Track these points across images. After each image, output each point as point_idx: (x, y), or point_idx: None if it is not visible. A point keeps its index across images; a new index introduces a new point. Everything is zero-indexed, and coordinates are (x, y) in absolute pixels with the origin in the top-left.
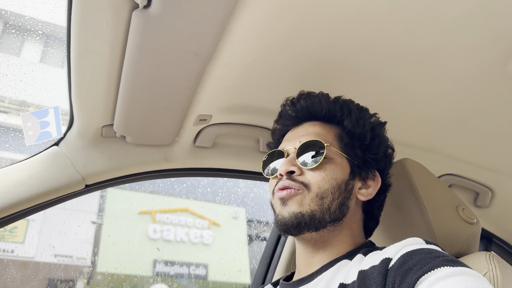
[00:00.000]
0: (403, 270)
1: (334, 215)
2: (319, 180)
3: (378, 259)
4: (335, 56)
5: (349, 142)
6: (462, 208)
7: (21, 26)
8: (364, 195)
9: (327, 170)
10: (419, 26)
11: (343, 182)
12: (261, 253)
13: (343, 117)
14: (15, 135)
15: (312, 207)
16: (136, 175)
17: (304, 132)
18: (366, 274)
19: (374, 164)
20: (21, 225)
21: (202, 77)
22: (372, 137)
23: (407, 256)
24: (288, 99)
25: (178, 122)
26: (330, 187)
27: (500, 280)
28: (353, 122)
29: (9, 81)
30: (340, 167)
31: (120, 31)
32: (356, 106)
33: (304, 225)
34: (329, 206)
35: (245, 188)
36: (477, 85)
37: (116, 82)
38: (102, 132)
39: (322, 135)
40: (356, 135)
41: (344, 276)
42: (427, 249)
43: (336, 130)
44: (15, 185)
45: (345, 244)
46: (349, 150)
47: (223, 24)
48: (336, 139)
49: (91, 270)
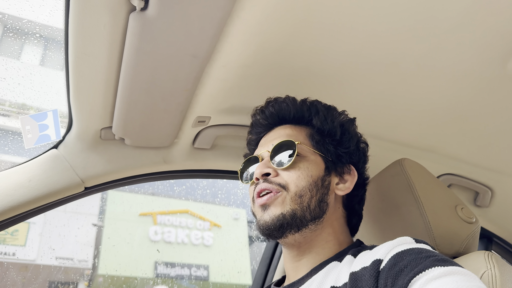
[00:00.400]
0: (395, 271)
1: (314, 213)
2: (295, 178)
3: (369, 260)
4: (333, 56)
5: (320, 139)
6: (461, 207)
7: (20, 29)
8: (341, 190)
9: (302, 168)
10: (418, 25)
11: (318, 178)
12: (262, 254)
13: (311, 117)
14: (14, 138)
15: (293, 206)
16: (135, 177)
17: (276, 136)
18: (357, 275)
19: (348, 158)
20: (22, 228)
21: (200, 79)
22: (342, 132)
23: (397, 257)
24: (257, 108)
25: (177, 124)
26: (307, 184)
27: (498, 279)
28: (321, 120)
29: (8, 84)
30: (314, 164)
31: (117, 34)
32: (323, 105)
33: (286, 225)
34: (309, 204)
35: (244, 189)
36: (476, 84)
37: (115, 84)
38: (101, 135)
39: (293, 135)
40: (326, 131)
41: (335, 279)
42: (417, 249)
43: (307, 130)
44: (15, 188)
45: (329, 243)
46: (321, 147)
47: (220, 26)
48: (308, 138)
49: (92, 272)
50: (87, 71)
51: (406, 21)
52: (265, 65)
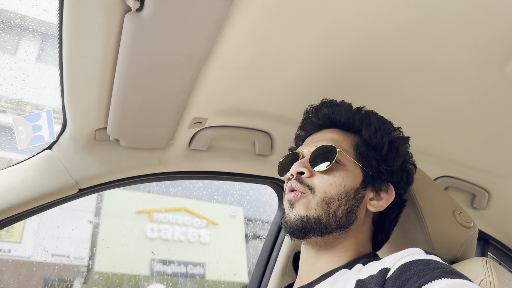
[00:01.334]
0: (401, 281)
1: (341, 222)
2: (326, 185)
3: (376, 269)
4: (329, 58)
5: (365, 151)
6: (459, 212)
7: (16, 25)
8: (374, 206)
9: (336, 176)
10: (416, 28)
11: (352, 190)
12: (259, 251)
13: (362, 127)
14: (10, 134)
15: (318, 212)
16: (130, 179)
17: (321, 138)
18: (363, 283)
19: (389, 176)
20: (18, 225)
21: (197, 80)
22: (389, 149)
23: (405, 267)
24: (312, 107)
25: (173, 126)
26: (337, 193)
27: (497, 286)
28: (370, 132)
29: (4, 80)
30: (351, 175)
31: (112, 35)
32: (377, 118)
33: (309, 228)
34: (335, 212)
35: (241, 191)
36: (474, 87)
37: (109, 85)
38: (95, 136)
39: (339, 141)
40: (373, 145)
41: (342, 285)
42: (425, 260)
43: (354, 138)
44: (7, 190)
45: (347, 252)
46: (364, 160)
47: (216, 27)
48: (352, 147)
49: (88, 269)
50: (81, 72)
51: (404, 23)
52: (261, 67)
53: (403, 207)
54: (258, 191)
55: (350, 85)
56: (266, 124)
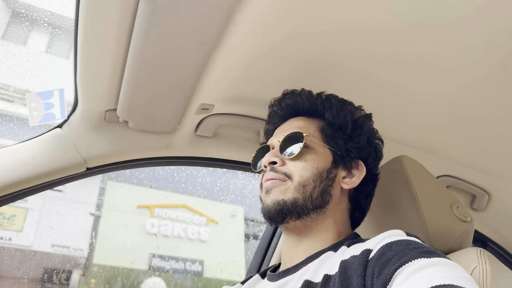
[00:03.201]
0: (382, 261)
1: (316, 202)
2: (300, 169)
3: (359, 250)
4: (337, 53)
5: (331, 133)
6: (456, 206)
7: (27, 15)
8: (347, 184)
9: (308, 159)
10: (420, 27)
11: (324, 170)
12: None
13: (324, 110)
14: (17, 123)
15: (295, 195)
16: (137, 161)
17: (288, 127)
18: (347, 263)
19: (357, 153)
20: (20, 213)
21: (206, 66)
22: (353, 127)
23: (386, 247)
24: (275, 100)
25: (181, 110)
26: (311, 175)
27: (489, 274)
28: (333, 114)
29: (13, 70)
30: (321, 156)
31: (127, 16)
32: (337, 99)
33: (286, 211)
34: (311, 194)
35: (242, 185)
36: (478, 87)
37: (121, 67)
38: (105, 117)
39: (304, 127)
40: (337, 125)
41: (328, 267)
42: (406, 241)
43: (319, 122)
44: (18, 164)
45: (328, 233)
46: (331, 141)
47: (228, 13)
48: (318, 130)
49: (87, 261)
50: (95, 52)
51: (410, 22)
52: (270, 56)
53: (376, 181)
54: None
55: (354, 82)
56: None
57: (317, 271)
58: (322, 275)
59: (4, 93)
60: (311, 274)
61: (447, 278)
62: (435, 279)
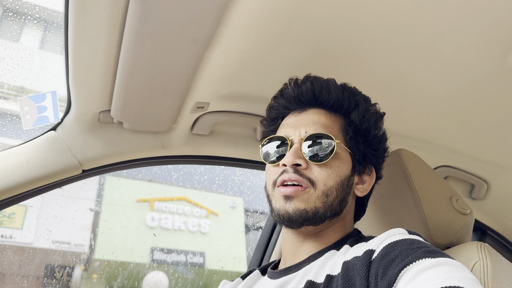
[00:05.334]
0: (386, 261)
1: (335, 211)
2: (325, 177)
3: (362, 251)
4: (334, 44)
5: (353, 136)
6: (456, 199)
7: (19, 11)
8: (360, 191)
9: (333, 167)
10: (418, 16)
11: (345, 178)
12: (258, 240)
13: (351, 109)
14: (12, 120)
15: (317, 204)
16: (133, 161)
17: (309, 121)
18: (349, 265)
19: (373, 159)
20: (19, 211)
21: (200, 64)
22: (375, 132)
23: (389, 247)
24: (292, 79)
25: (176, 109)
26: (335, 184)
27: (490, 269)
28: (360, 116)
29: (6, 66)
30: (345, 163)
31: (118, 16)
32: (362, 96)
33: (306, 220)
34: (332, 203)
35: (241, 181)
36: (476, 76)
37: (114, 67)
38: (99, 118)
39: (329, 126)
40: (362, 130)
41: (331, 267)
42: (409, 240)
43: (342, 121)
44: (12, 169)
45: (335, 234)
46: (353, 145)
47: (221, 10)
48: (341, 132)
49: (89, 256)
50: (86, 53)
51: (406, 12)
52: (265, 51)
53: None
54: (259, 177)
55: (351, 74)
56: None
57: (320, 271)
58: (325, 275)
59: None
60: (313, 274)
61: (452, 280)
62: (440, 280)
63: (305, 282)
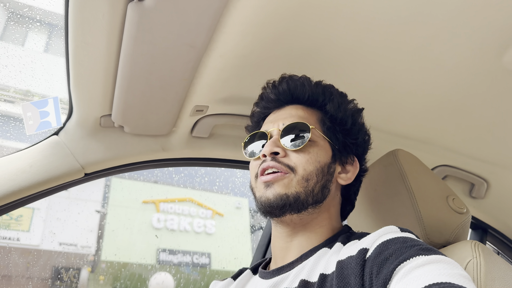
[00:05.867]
0: (380, 260)
1: (317, 197)
2: (304, 162)
3: (355, 250)
4: (329, 46)
5: (331, 126)
6: (452, 198)
7: (23, 16)
8: (344, 179)
9: (311, 152)
10: (413, 17)
11: (325, 165)
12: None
13: (325, 102)
14: (17, 124)
15: (298, 189)
16: (134, 165)
17: (286, 115)
18: (343, 264)
19: (354, 149)
20: (26, 213)
21: (198, 68)
22: (352, 122)
23: (383, 246)
24: (269, 82)
25: (175, 113)
26: (314, 169)
27: (483, 267)
28: (335, 107)
29: (11, 71)
30: (323, 150)
31: (116, 23)
32: (337, 91)
33: (288, 206)
34: (313, 189)
35: (245, 181)
36: (472, 76)
37: (114, 73)
38: (100, 122)
39: (305, 118)
40: (338, 119)
41: (324, 266)
42: (402, 238)
43: (318, 114)
44: (16, 173)
45: (323, 228)
46: (331, 134)
47: (217, 16)
48: (319, 122)
49: (95, 258)
50: (86, 60)
51: (402, 10)
52: (262, 55)
53: (363, 177)
54: None
55: (347, 75)
56: None
57: (313, 270)
58: (318, 274)
59: (5, 94)
60: (307, 273)
61: (444, 276)
62: (432, 277)
63: (299, 281)
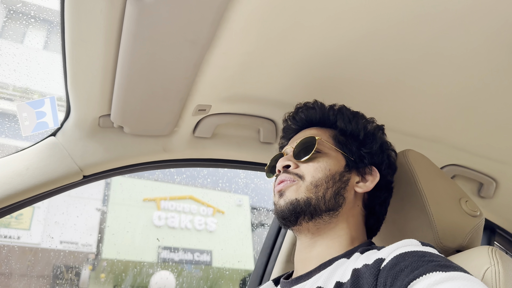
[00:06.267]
0: (394, 272)
1: (329, 204)
2: (312, 170)
3: (372, 259)
4: (336, 44)
5: (343, 139)
6: (465, 200)
7: (21, 12)
8: (361, 188)
9: (321, 162)
10: (423, 13)
11: (337, 173)
12: (263, 242)
13: (336, 119)
14: (16, 122)
15: (307, 195)
16: (135, 166)
17: (301, 136)
18: (359, 272)
19: (370, 159)
20: (27, 212)
21: (200, 66)
22: (365, 134)
23: (399, 257)
24: (289, 115)
25: (177, 112)
26: (323, 176)
27: (502, 275)
28: (345, 122)
29: (10, 68)
30: (334, 160)
31: (114, 19)
32: (350, 111)
33: (300, 211)
34: (324, 194)
35: (246, 179)
36: (483, 73)
37: (112, 71)
38: (99, 122)
39: (317, 134)
40: (349, 132)
41: (341, 275)
42: (420, 252)
43: (331, 131)
44: (12, 176)
45: (341, 237)
46: (344, 147)
47: (220, 11)
48: (331, 137)
49: (96, 256)
50: (84, 58)
51: (411, 9)
52: (266, 52)
53: (391, 190)
54: (264, 179)
55: (355, 74)
56: (271, 112)
57: (330, 278)
58: (334, 282)
59: (4, 92)
60: (323, 281)
61: None
62: None
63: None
